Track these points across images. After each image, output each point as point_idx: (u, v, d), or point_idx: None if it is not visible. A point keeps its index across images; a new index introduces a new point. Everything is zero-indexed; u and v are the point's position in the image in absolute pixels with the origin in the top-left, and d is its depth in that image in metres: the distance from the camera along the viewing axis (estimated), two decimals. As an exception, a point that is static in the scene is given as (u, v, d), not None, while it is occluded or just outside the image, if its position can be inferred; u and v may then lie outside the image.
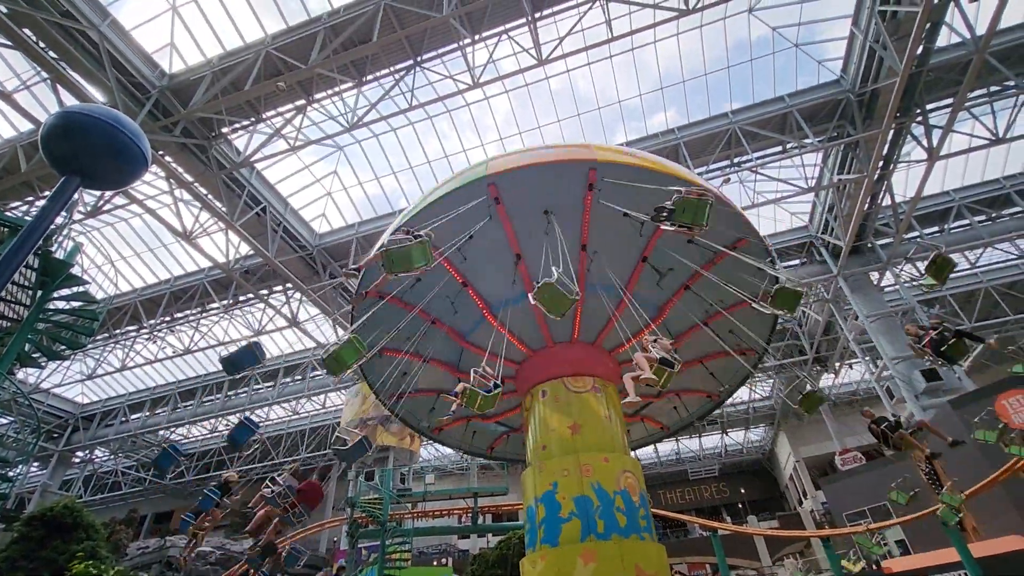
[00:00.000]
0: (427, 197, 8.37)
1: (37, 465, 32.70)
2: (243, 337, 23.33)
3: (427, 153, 18.50)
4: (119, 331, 23.69)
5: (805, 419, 33.61)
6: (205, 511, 8.76)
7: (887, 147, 15.68)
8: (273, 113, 15.59)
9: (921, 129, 15.19)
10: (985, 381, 16.39)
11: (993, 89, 15.75)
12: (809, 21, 15.61)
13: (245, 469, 33.01)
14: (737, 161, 17.71)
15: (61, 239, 8.97)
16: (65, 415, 30.16)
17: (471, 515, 16.19)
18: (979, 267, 22.75)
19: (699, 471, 41.09)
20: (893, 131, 15.25)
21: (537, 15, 13.61)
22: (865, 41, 14.39)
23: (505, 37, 14.21)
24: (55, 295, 8.73)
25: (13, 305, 8.38)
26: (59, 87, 13.11)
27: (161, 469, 7.15)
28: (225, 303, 21.99)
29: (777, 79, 16.84)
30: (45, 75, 13.34)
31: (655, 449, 41.06)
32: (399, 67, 14.77)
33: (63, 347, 9.62)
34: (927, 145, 15.11)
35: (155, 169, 15.58)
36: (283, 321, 21.55)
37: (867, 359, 22.12)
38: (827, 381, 29.81)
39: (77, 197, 15.81)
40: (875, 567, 14.21)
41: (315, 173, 19.01)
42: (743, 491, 40.74)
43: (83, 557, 7.61)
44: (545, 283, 5.82)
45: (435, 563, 28.50)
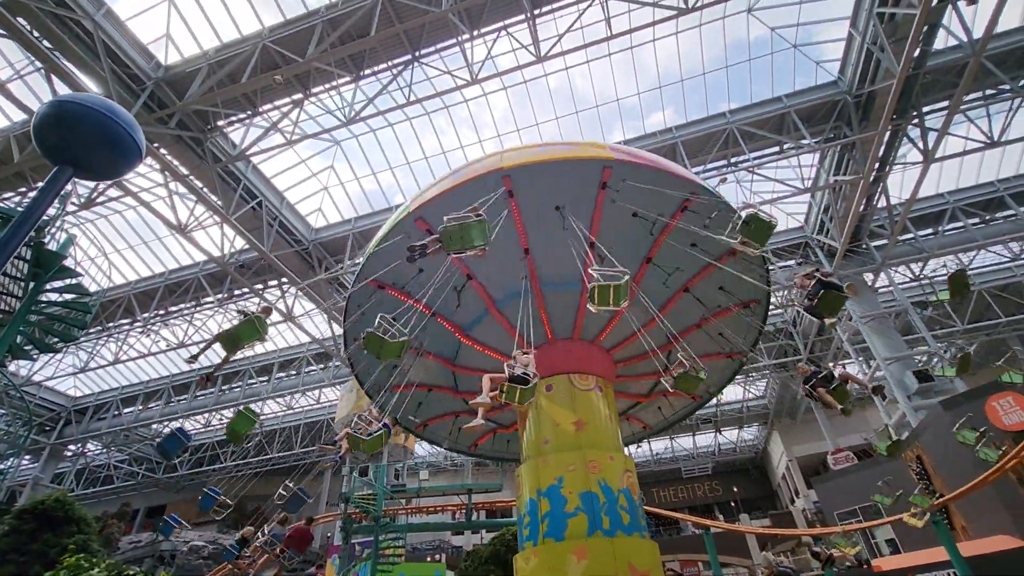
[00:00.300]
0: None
1: (28, 458, 32.52)
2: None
3: (424, 149, 18.48)
4: (112, 324, 23.55)
5: (798, 418, 33.88)
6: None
7: (883, 149, 15.74)
8: (270, 107, 15.49)
9: (917, 131, 15.28)
10: (976, 383, 16.50)
11: (989, 92, 15.83)
12: (808, 22, 15.65)
13: (240, 464, 33.00)
14: (734, 161, 17.75)
15: (54, 231, 8.89)
16: (57, 408, 29.98)
17: (465, 511, 16.20)
18: (972, 269, 22.92)
19: (693, 469, 41.30)
20: (889, 133, 15.33)
21: (536, 12, 13.57)
22: (863, 43, 14.42)
23: (504, 33, 14.15)
24: (47, 287, 8.66)
25: (5, 296, 8.31)
26: (53, 77, 12.96)
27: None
28: (220, 297, 21.89)
29: (775, 80, 16.90)
30: (39, 65, 13.21)
31: (649, 447, 41.24)
32: (397, 62, 14.69)
33: (55, 339, 9.55)
34: (923, 147, 15.19)
35: (150, 161, 15.46)
36: (277, 315, 21.46)
37: (860, 359, 22.26)
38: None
39: (71, 188, 15.69)
40: (865, 566, 14.33)
41: (311, 168, 18.95)
42: (736, 489, 40.98)
43: (74, 550, 7.57)
44: (369, 333, 5.95)
45: (428, 559, 28.54)
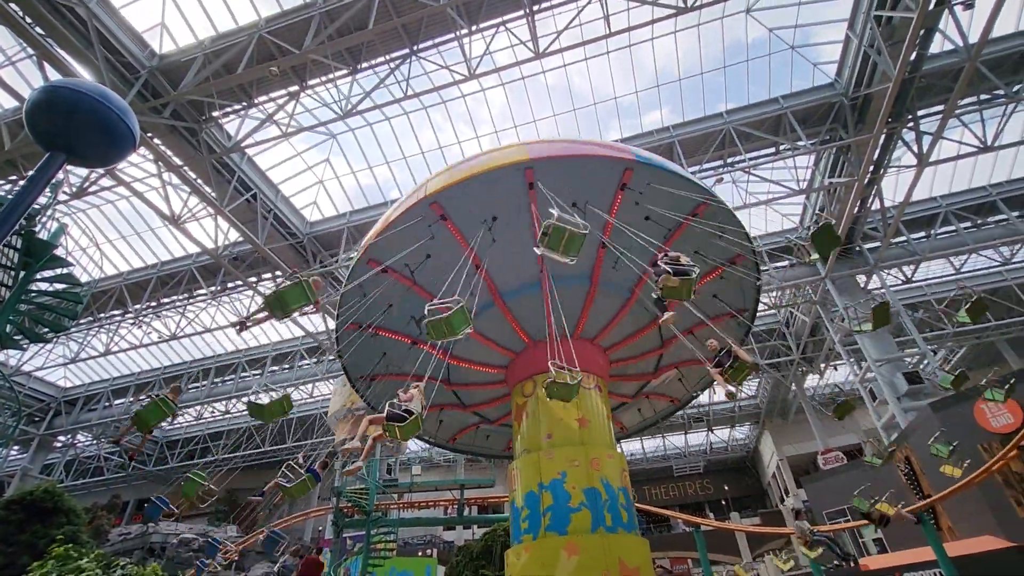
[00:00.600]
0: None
1: (17, 449, 32.27)
2: (230, 324, 23.08)
3: (421, 144, 18.42)
4: (103, 315, 23.37)
5: (789, 418, 34.13)
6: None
7: (878, 152, 15.83)
8: (265, 98, 15.38)
9: (912, 135, 15.37)
10: (965, 385, 16.63)
11: (983, 97, 15.94)
12: (806, 24, 15.69)
13: (231, 457, 32.86)
14: (730, 161, 17.80)
15: (45, 219, 8.79)
16: (47, 399, 29.75)
17: (457, 506, 16.22)
18: (963, 273, 23.13)
19: (684, 467, 41.56)
20: (884, 136, 15.41)
21: (535, 8, 13.53)
22: (860, 45, 14.48)
23: (502, 29, 14.11)
24: (38, 276, 8.57)
25: (-6, 285, 8.21)
26: (45, 64, 12.80)
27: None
28: (213, 290, 21.76)
29: (772, 81, 16.94)
30: (31, 51, 13.05)
31: (641, 444, 41.48)
32: (395, 55, 14.62)
33: (46, 329, 9.46)
34: (917, 151, 15.29)
35: (143, 151, 15.32)
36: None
37: (851, 361, 22.42)
38: (812, 381, 30.20)
39: (62, 177, 15.51)
40: (852, 564, 14.48)
41: (307, 160, 18.84)
42: (727, 488, 41.26)
43: (63, 541, 7.53)
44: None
45: (420, 554, 28.56)
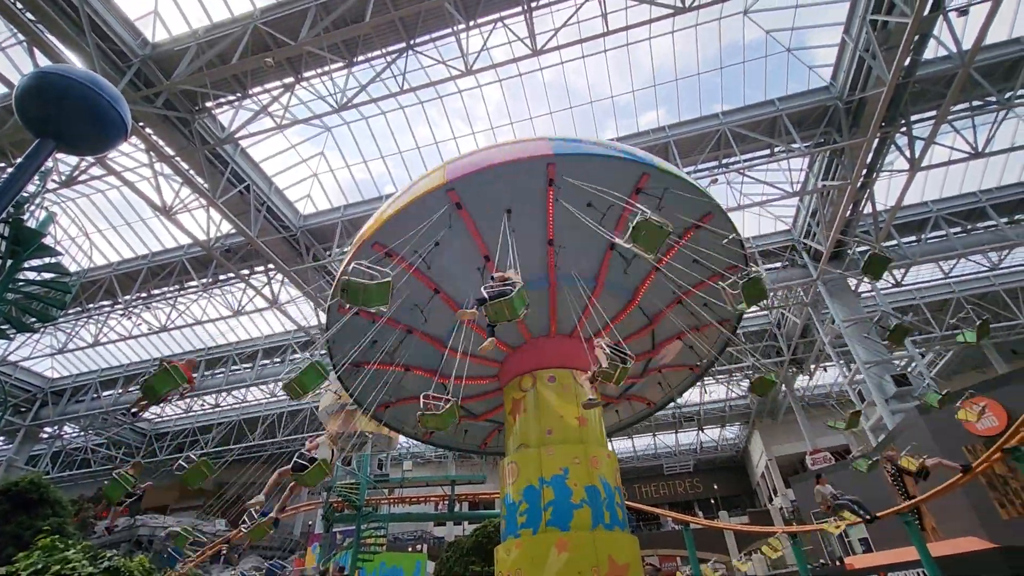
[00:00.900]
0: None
1: (3, 439, 31.92)
2: (221, 316, 22.95)
3: (417, 139, 18.33)
4: (92, 305, 23.12)
5: (779, 419, 34.43)
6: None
7: (871, 155, 15.95)
8: (260, 89, 15.24)
9: (905, 140, 15.50)
10: (951, 388, 16.86)
11: (975, 104, 16.10)
12: (802, 27, 15.76)
13: (221, 451, 32.70)
14: (726, 162, 17.87)
15: (33, 208, 8.67)
16: (33, 389, 29.39)
17: (448, 502, 16.24)
18: (952, 277, 23.40)
19: (674, 466, 41.84)
20: (878, 140, 15.52)
21: (533, 4, 13.48)
22: (855, 49, 14.58)
23: (500, 25, 14.06)
24: (25, 265, 8.45)
25: (-19, 274, 8.08)
26: (35, 50, 12.60)
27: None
28: (204, 281, 21.58)
29: (768, 83, 17.00)
30: (21, 37, 12.83)
31: (632, 443, 41.73)
32: (391, 49, 14.52)
33: (33, 319, 9.33)
34: (909, 155, 15.42)
35: (135, 141, 15.14)
36: (263, 302, 21.23)
37: (841, 363, 22.64)
38: (802, 382, 30.46)
39: (52, 165, 15.30)
40: (838, 563, 14.65)
41: (301, 153, 18.71)
42: (716, 487, 41.59)
43: (49, 532, 7.45)
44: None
45: (410, 549, 28.60)
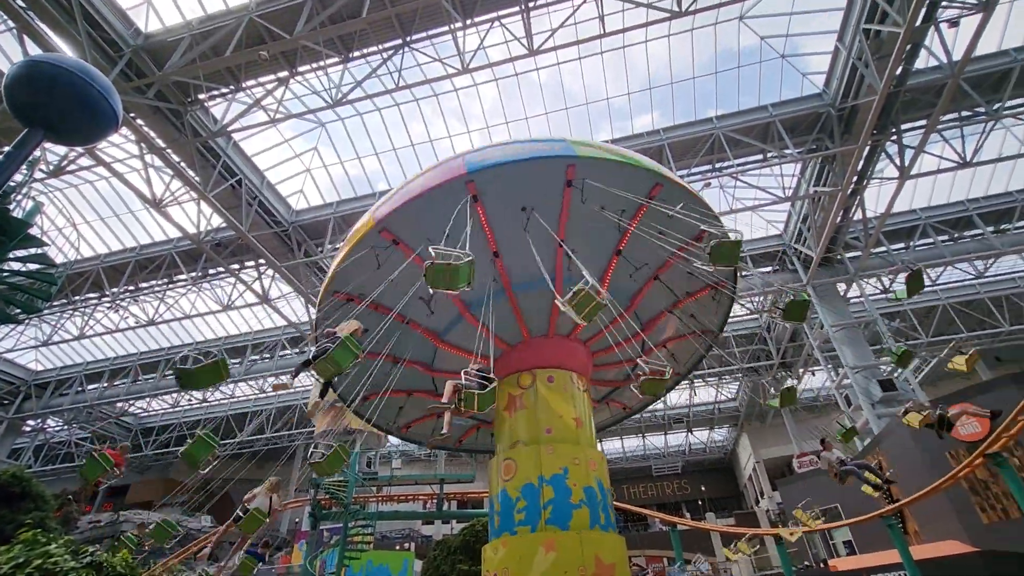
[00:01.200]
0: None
1: (-16, 432, 31.37)
2: (210, 311, 22.74)
3: (411, 136, 18.27)
4: (79, 298, 22.81)
5: (767, 422, 34.73)
6: None
7: (862, 163, 16.15)
8: (254, 83, 15.10)
9: (895, 148, 15.70)
10: (937, 394, 17.16)
11: (964, 114, 16.33)
12: (797, 34, 15.90)
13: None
14: (719, 166, 17.99)
15: (20, 197, 8.53)
16: (16, 381, 28.94)
17: (436, 501, 16.20)
18: (939, 284, 23.72)
19: (663, 468, 42.07)
20: (868, 148, 15.71)
21: (531, 4, 13.49)
22: (848, 57, 14.73)
23: (497, 24, 14.04)
24: (11, 255, 8.32)
25: (-36, 263, 7.94)
26: (25, 37, 12.41)
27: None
28: (194, 275, 21.37)
29: (762, 88, 17.14)
30: (11, 24, 12.62)
31: (622, 444, 41.91)
32: (387, 46, 14.46)
33: (17, 310, 9.18)
34: (899, 164, 15.63)
35: (125, 132, 14.95)
36: (253, 297, 21.06)
37: (829, 367, 22.88)
38: (790, 385, 30.70)
39: (40, 154, 15.07)
40: (822, 565, 14.81)
41: (295, 148, 18.58)
42: (703, 488, 41.87)
43: (31, 526, 7.34)
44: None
45: (397, 547, 28.51)
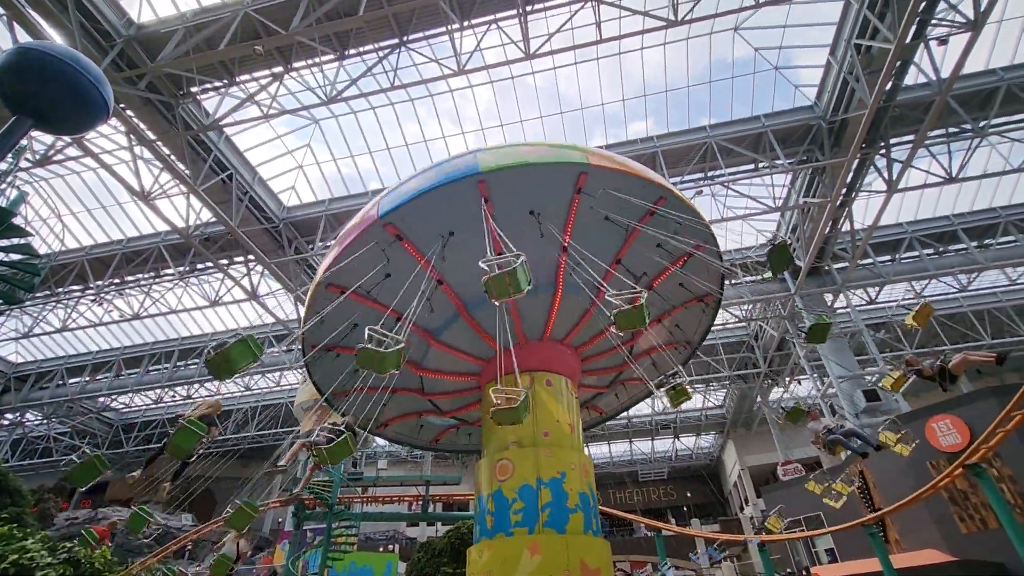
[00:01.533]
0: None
1: (-40, 425, 30.75)
2: (197, 307, 22.47)
3: (405, 136, 18.23)
4: (62, 290, 22.43)
5: (753, 429, 35.00)
6: None
7: (851, 175, 16.38)
8: (248, 77, 14.98)
9: (883, 161, 15.96)
10: (919, 404, 17.40)
11: (951, 131, 16.65)
12: (790, 46, 16.11)
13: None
14: (711, 175, 18.15)
15: (5, 186, 8.40)
16: (-4, 374, 28.43)
17: (422, 503, 16.12)
18: (924, 297, 24.10)
19: (649, 473, 42.21)
20: (858, 161, 15.96)
21: (528, 8, 13.53)
22: (840, 71, 14.96)
23: (494, 27, 14.07)
24: (-6, 245, 8.16)
25: (-55, 252, 7.78)
26: (15, 24, 12.22)
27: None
28: (181, 270, 21.11)
29: (755, 99, 17.34)
30: (1, 12, 12.41)
31: (609, 448, 42.03)
32: (383, 45, 14.43)
33: (-1, 301, 9.02)
34: (887, 177, 15.88)
35: (114, 123, 14.76)
36: (241, 293, 20.86)
37: (815, 376, 23.13)
38: (776, 394, 31.03)
39: (26, 143, 14.82)
40: (804, 572, 14.94)
41: (287, 144, 18.46)
42: (689, 495, 42.08)
43: (7, 521, 7.20)
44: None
45: (381, 549, 28.29)
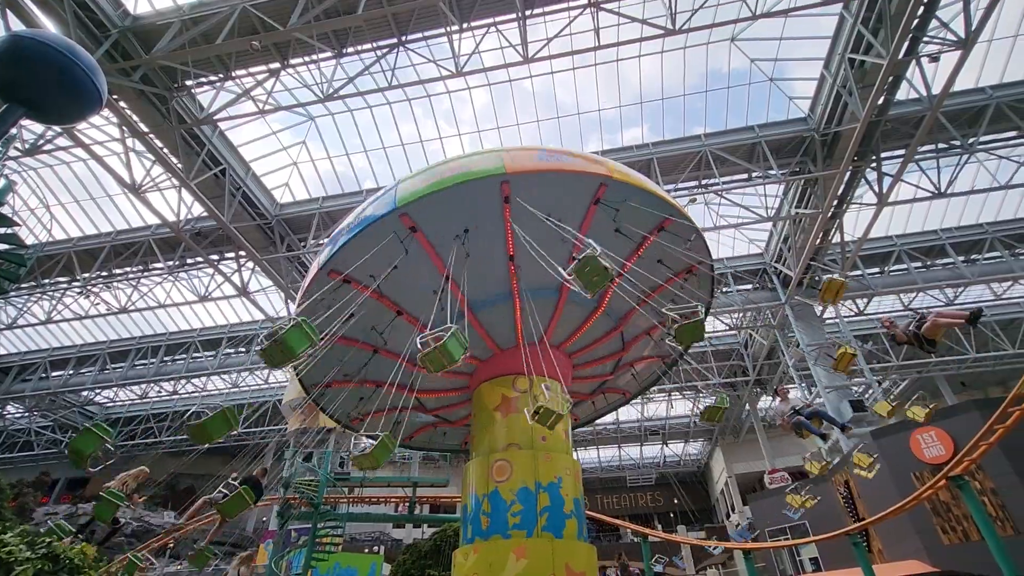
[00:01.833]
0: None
1: (-61, 417, 30.16)
2: (186, 301, 22.25)
3: (402, 136, 18.19)
4: (48, 281, 22.10)
5: (741, 437, 35.20)
6: None
7: (842, 188, 16.58)
8: (244, 72, 14.88)
9: (874, 175, 16.18)
10: (902, 417, 17.57)
11: (941, 146, 16.92)
12: (785, 58, 16.32)
13: (178, 440, 31.64)
14: (705, 183, 18.28)
15: (-8, 175, 8.26)
16: (-23, 365, 27.92)
17: (408, 504, 16.01)
18: (911, 309, 24.39)
19: (637, 479, 42.30)
20: (849, 173, 16.15)
21: (528, 12, 13.58)
22: (833, 85, 15.16)
23: (493, 30, 14.10)
24: (-21, 234, 8.02)
25: (-71, 240, 7.63)
26: (9, 12, 12.07)
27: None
28: (171, 264, 20.87)
29: (750, 109, 17.53)
30: (-7, -4, 12.28)
31: (598, 453, 42.08)
32: (382, 44, 14.41)
33: (-17, 291, 8.86)
34: (878, 190, 16.10)
35: (107, 114, 14.60)
36: (231, 289, 20.67)
37: (803, 385, 23.34)
38: (765, 403, 31.25)
39: (16, 132, 14.62)
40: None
41: (282, 141, 18.36)
42: (676, 501, 42.18)
43: (-18, 518, 7.05)
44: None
45: (366, 550, 28.06)
